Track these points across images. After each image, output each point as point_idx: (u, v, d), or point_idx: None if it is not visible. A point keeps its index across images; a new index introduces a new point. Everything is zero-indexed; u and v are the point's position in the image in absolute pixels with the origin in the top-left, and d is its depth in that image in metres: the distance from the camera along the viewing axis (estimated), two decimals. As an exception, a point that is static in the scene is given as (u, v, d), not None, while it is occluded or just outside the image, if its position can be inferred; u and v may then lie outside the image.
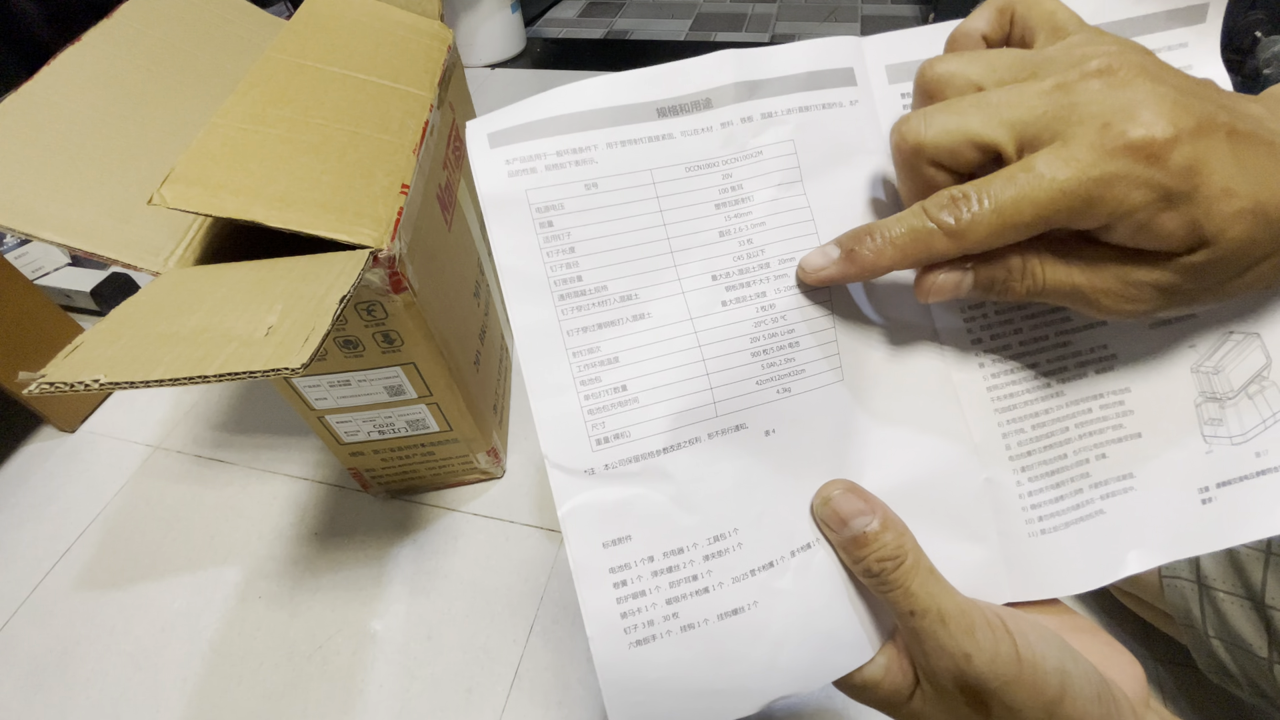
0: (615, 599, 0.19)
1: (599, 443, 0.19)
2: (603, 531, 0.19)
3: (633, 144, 0.20)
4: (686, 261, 0.20)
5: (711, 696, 0.19)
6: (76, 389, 0.28)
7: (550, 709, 0.49)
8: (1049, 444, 0.21)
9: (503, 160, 0.19)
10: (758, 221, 0.20)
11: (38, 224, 0.37)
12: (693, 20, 1.48)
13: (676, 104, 0.20)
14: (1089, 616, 0.50)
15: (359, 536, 0.60)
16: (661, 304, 0.20)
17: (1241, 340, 0.21)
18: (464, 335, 0.53)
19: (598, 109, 0.20)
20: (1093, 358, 0.21)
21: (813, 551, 0.20)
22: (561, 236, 0.19)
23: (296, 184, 0.39)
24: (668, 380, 0.19)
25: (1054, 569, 0.20)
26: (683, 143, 0.20)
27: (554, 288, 0.19)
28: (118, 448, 0.68)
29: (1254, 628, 0.36)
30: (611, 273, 0.19)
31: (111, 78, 0.44)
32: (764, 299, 0.20)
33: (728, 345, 0.20)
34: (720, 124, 0.20)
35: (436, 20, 0.58)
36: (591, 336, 0.19)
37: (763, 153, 0.20)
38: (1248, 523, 0.20)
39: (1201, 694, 0.46)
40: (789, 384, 0.20)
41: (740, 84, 0.20)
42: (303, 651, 0.53)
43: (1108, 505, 0.21)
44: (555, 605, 0.54)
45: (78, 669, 0.53)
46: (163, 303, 0.35)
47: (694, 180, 0.20)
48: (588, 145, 0.19)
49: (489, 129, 0.20)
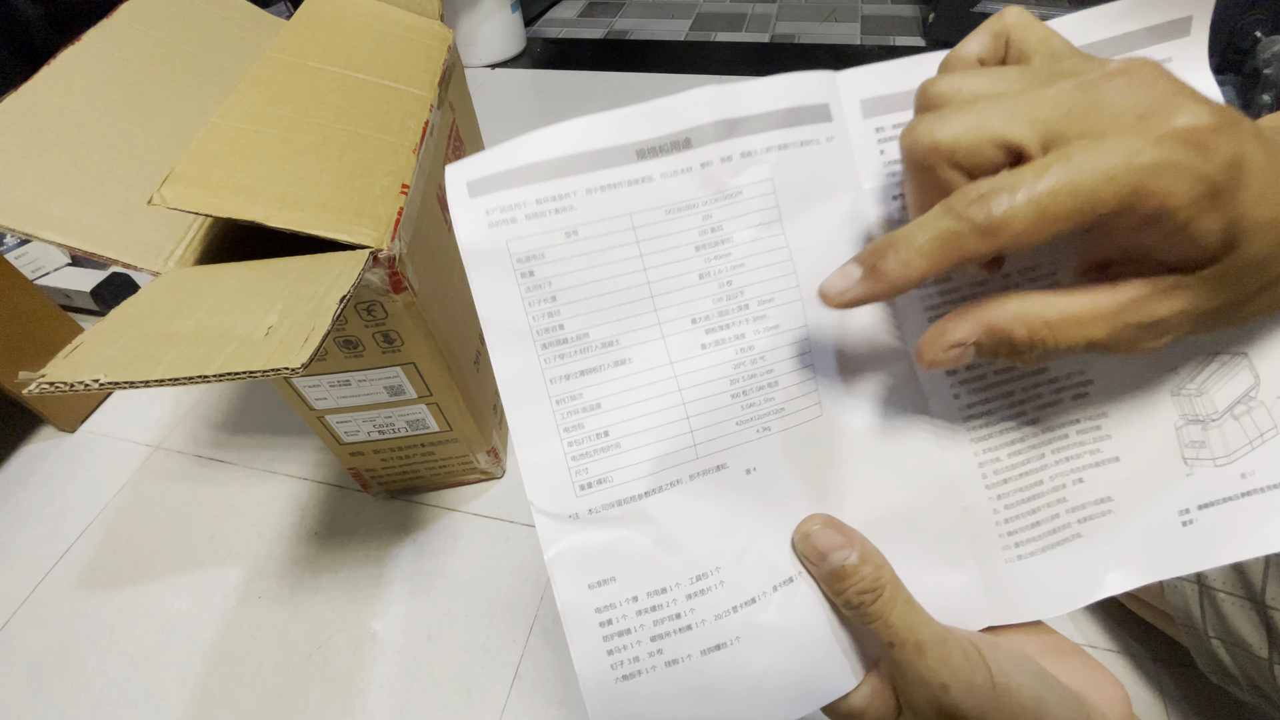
0: (601, 637, 0.19)
1: (582, 488, 0.19)
2: (588, 574, 0.19)
3: (612, 188, 0.19)
4: (667, 305, 0.20)
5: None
6: (76, 389, 0.28)
7: (550, 709, 0.49)
8: (1025, 471, 0.21)
9: (483, 211, 0.19)
10: (737, 263, 0.20)
11: (38, 224, 0.37)
12: (693, 20, 1.48)
13: (656, 145, 0.19)
14: (1089, 621, 0.50)
15: (359, 536, 0.60)
16: (642, 349, 0.20)
17: (1228, 361, 0.21)
18: (464, 335, 0.53)
19: (577, 154, 0.19)
20: (1069, 384, 0.21)
21: (795, 585, 0.20)
22: (543, 286, 0.19)
23: (296, 184, 0.39)
24: (649, 425, 0.19)
25: (1032, 593, 0.21)
26: (662, 185, 0.19)
27: (536, 337, 0.19)
28: (118, 448, 0.68)
29: (1254, 628, 0.36)
30: (593, 320, 0.19)
31: (111, 78, 0.44)
32: (743, 340, 0.20)
33: (708, 388, 0.20)
34: (700, 164, 0.20)
35: (436, 20, 0.58)
36: (574, 384, 0.19)
37: (742, 193, 0.20)
38: (1230, 544, 0.20)
39: (1201, 694, 0.46)
40: (769, 423, 0.20)
41: (720, 122, 0.20)
42: (303, 651, 0.53)
43: (1085, 529, 0.21)
44: (555, 605, 0.54)
45: (78, 669, 0.53)
46: (163, 303, 0.35)
47: (674, 223, 0.20)
48: (567, 192, 0.19)
49: (469, 176, 0.19)
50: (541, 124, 0.20)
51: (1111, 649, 0.49)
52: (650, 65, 1.29)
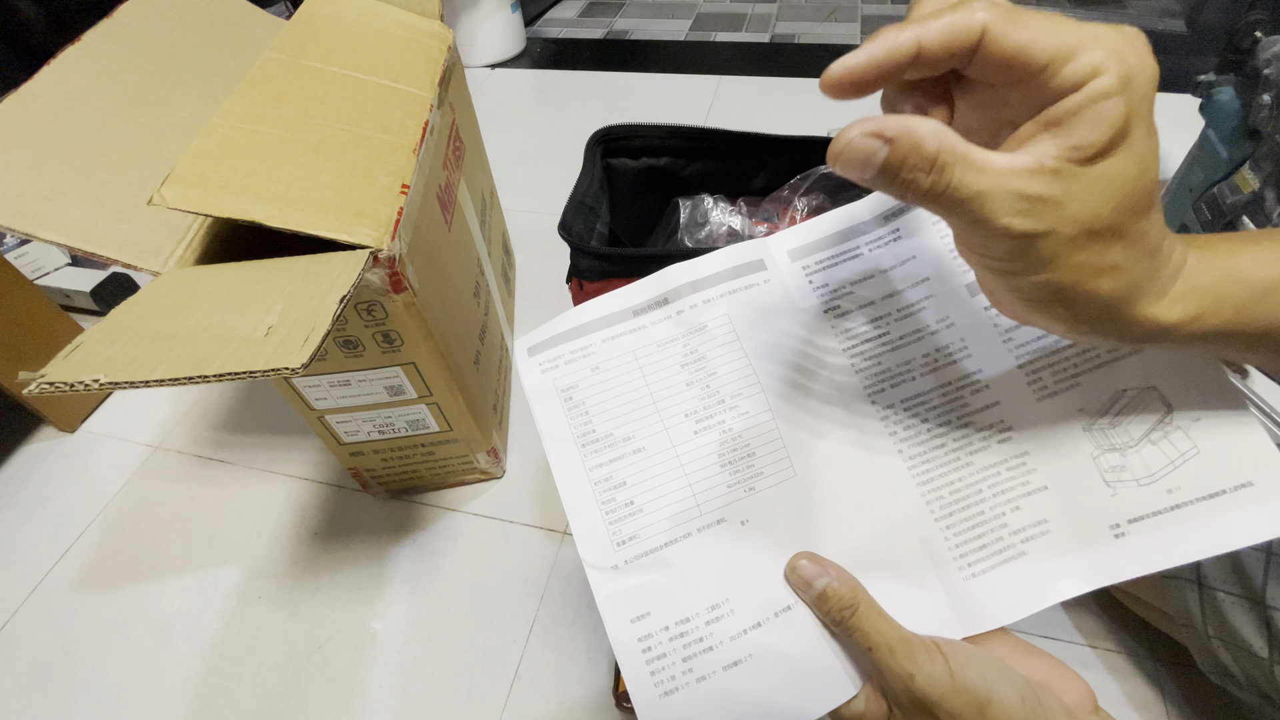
0: (645, 661, 0.24)
1: (618, 544, 0.25)
2: (629, 610, 0.24)
3: (619, 337, 0.28)
4: (666, 407, 0.27)
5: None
6: (76, 389, 0.28)
7: (550, 709, 0.49)
8: (966, 504, 0.25)
9: (537, 364, 0.28)
10: (711, 372, 0.27)
11: (38, 224, 0.37)
12: (693, 20, 1.48)
13: (645, 305, 0.28)
14: (1089, 621, 0.50)
15: (359, 536, 0.60)
16: (652, 439, 0.26)
17: (1137, 395, 0.24)
18: (464, 335, 0.53)
19: (593, 319, 0.28)
20: (992, 433, 0.25)
21: (793, 612, 0.24)
22: (579, 405, 0.27)
23: (296, 184, 0.39)
24: (661, 493, 0.26)
25: (992, 603, 0.24)
26: (653, 329, 0.28)
27: (577, 439, 0.26)
28: (118, 448, 0.68)
29: (1254, 628, 0.36)
30: (615, 423, 0.27)
31: (111, 78, 0.44)
32: (724, 425, 0.26)
33: (702, 462, 0.26)
34: (676, 313, 0.28)
35: (436, 20, 0.58)
36: (606, 470, 0.26)
37: (707, 326, 0.28)
38: (1166, 550, 0.23)
39: (1201, 694, 0.46)
40: (753, 484, 0.26)
41: (687, 283, 0.28)
42: (303, 651, 0.53)
43: (1029, 547, 0.24)
44: (555, 605, 0.54)
45: (78, 669, 0.53)
46: (163, 303, 0.35)
47: (664, 352, 0.27)
48: (590, 344, 0.28)
49: (527, 345, 0.28)
50: (541, 124, 0.21)
51: (1111, 649, 0.49)
52: (650, 65, 1.29)
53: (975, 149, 0.17)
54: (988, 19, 0.16)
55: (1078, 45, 0.16)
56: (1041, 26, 0.16)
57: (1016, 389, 0.26)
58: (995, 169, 0.17)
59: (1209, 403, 0.24)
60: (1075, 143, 0.16)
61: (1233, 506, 0.23)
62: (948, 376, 0.26)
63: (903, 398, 0.26)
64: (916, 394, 0.26)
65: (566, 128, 1.11)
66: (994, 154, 0.17)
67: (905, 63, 0.17)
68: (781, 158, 0.46)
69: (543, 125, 1.13)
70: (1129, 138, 0.16)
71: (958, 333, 0.26)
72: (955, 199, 0.17)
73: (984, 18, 0.16)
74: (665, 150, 0.47)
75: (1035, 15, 0.17)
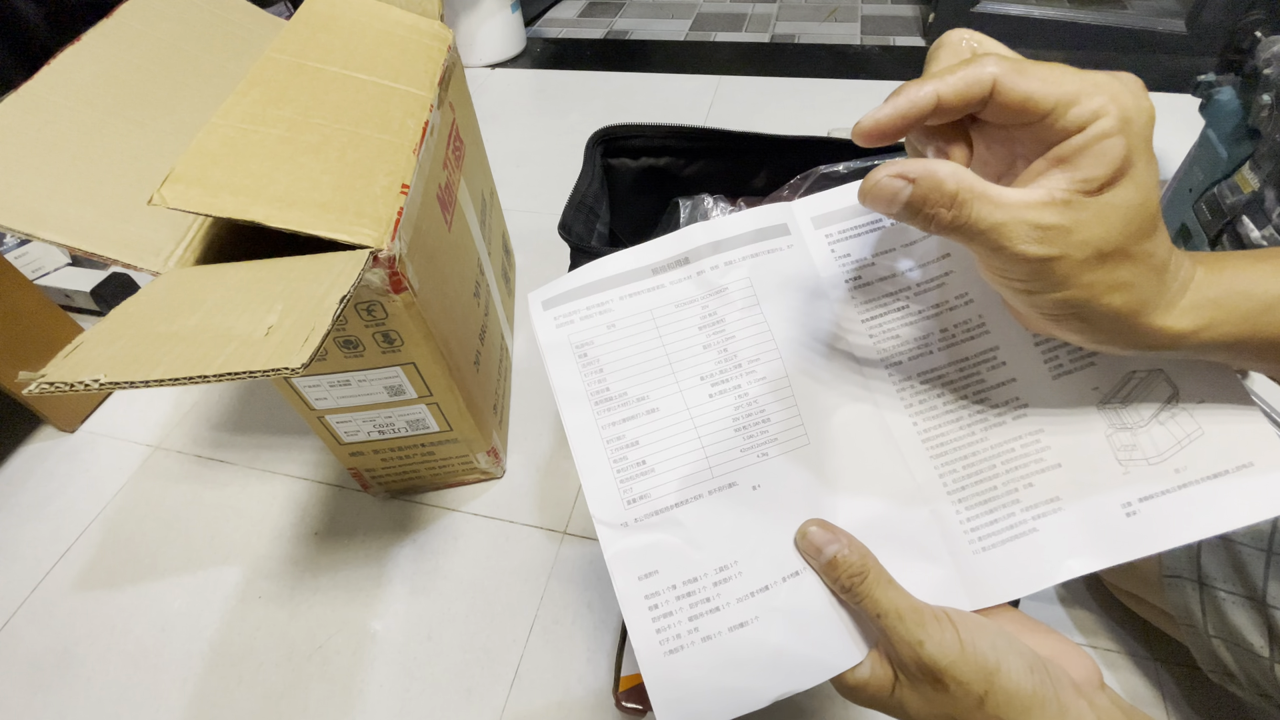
0: (651, 619, 0.24)
1: (629, 503, 0.25)
2: (638, 568, 0.25)
3: (637, 295, 0.27)
4: (681, 369, 0.27)
5: (730, 693, 0.23)
6: (76, 389, 0.28)
7: (550, 709, 0.49)
8: (980, 479, 0.25)
9: (552, 318, 0.27)
10: (730, 335, 0.27)
11: (38, 224, 0.37)
12: (693, 20, 1.48)
13: (664, 264, 0.27)
14: (1090, 620, 0.50)
15: (359, 536, 0.60)
16: (666, 401, 0.26)
17: (1145, 377, 0.25)
18: (464, 335, 0.53)
19: (611, 275, 0.27)
20: (1008, 409, 0.26)
21: (801, 577, 0.25)
22: (594, 362, 0.27)
23: (296, 184, 0.39)
24: (674, 454, 0.26)
25: (1001, 578, 0.24)
26: (671, 289, 0.27)
27: (590, 397, 0.26)
28: (118, 448, 0.68)
29: (1255, 627, 0.36)
30: (629, 382, 0.26)
31: (111, 78, 0.44)
32: (740, 390, 0.26)
33: (716, 425, 0.26)
34: (696, 273, 0.27)
35: (436, 20, 0.58)
36: (619, 429, 0.26)
37: (728, 289, 0.27)
38: (1173, 529, 0.24)
39: (1202, 694, 0.46)
40: (766, 449, 0.26)
41: (708, 244, 0.27)
42: (303, 651, 0.53)
43: (1040, 524, 0.25)
44: (555, 605, 0.54)
45: (78, 669, 0.53)
46: (163, 303, 0.35)
47: (682, 313, 0.27)
48: (607, 300, 0.27)
49: (542, 298, 0.28)
50: (541, 124, 0.22)
51: (1111, 649, 0.49)
52: (650, 65, 1.29)
53: (992, 186, 0.19)
54: (998, 72, 0.18)
55: (1079, 92, 0.18)
56: (1046, 76, 0.18)
57: (1032, 366, 0.26)
58: (1011, 203, 0.19)
59: (1211, 388, 0.24)
60: (1083, 176, 0.18)
61: (1234, 486, 0.23)
62: (965, 352, 0.26)
63: (919, 371, 0.26)
64: (933, 368, 0.26)
65: (566, 128, 1.11)
66: (1009, 190, 0.19)
67: (927, 113, 0.19)
68: (781, 157, 0.46)
69: (543, 125, 1.13)
70: (1131, 170, 0.18)
71: (976, 309, 0.26)
72: (975, 230, 0.19)
73: (994, 71, 0.19)
74: (665, 150, 0.47)
75: (1040, 67, 0.19)
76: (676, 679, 0.23)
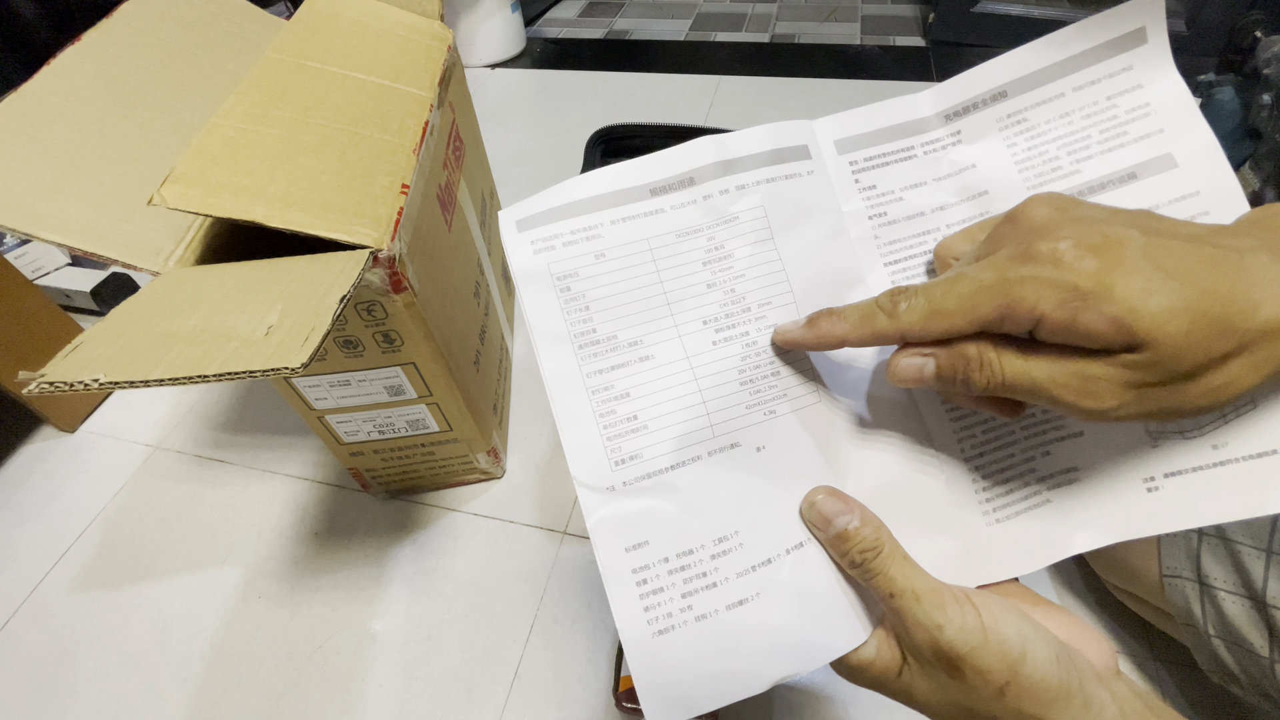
0: (639, 595, 0.21)
1: (617, 464, 0.22)
2: (624, 538, 0.22)
3: (631, 220, 0.23)
4: (681, 311, 0.23)
5: (726, 677, 0.21)
6: (76, 389, 0.28)
7: (550, 709, 0.49)
8: (998, 445, 0.24)
9: (528, 241, 0.23)
10: (738, 274, 0.24)
11: (38, 224, 0.37)
12: (693, 20, 1.48)
13: (666, 184, 0.23)
14: (1090, 620, 0.50)
15: (359, 536, 0.59)
16: (662, 347, 0.23)
17: None
18: (464, 335, 0.53)
19: (602, 194, 0.23)
20: None
21: (805, 550, 0.22)
22: (578, 298, 0.23)
23: (296, 184, 0.39)
24: (671, 409, 0.23)
25: (1010, 552, 0.23)
26: (673, 215, 0.23)
27: (574, 339, 0.23)
28: (118, 448, 0.68)
29: (1255, 627, 0.36)
30: (620, 324, 0.23)
31: (111, 78, 0.44)
32: (747, 337, 0.23)
33: (719, 378, 0.23)
34: (703, 197, 0.24)
35: (436, 20, 0.58)
36: (606, 377, 0.23)
37: (739, 218, 0.24)
38: (1199, 509, 0.22)
39: (1202, 694, 0.46)
40: (774, 406, 0.23)
41: (717, 163, 0.23)
42: (303, 651, 0.53)
43: (1053, 495, 0.23)
44: (555, 605, 0.54)
45: (78, 669, 0.53)
46: (163, 302, 0.35)
47: (683, 244, 0.23)
48: (595, 224, 0.23)
49: (516, 216, 0.23)
50: (541, 124, 0.21)
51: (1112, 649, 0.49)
52: (650, 65, 1.29)
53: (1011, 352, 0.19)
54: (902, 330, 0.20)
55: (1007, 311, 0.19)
56: None
57: None
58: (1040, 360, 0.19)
59: None
60: None
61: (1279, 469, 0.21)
62: None
63: None
64: None
65: (566, 128, 1.11)
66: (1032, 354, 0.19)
67: (835, 347, 0.22)
68: (781, 157, 0.46)
69: (543, 125, 1.13)
70: None
71: None
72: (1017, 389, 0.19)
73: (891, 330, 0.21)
74: (665, 150, 0.47)
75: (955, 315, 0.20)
76: (665, 663, 0.21)
